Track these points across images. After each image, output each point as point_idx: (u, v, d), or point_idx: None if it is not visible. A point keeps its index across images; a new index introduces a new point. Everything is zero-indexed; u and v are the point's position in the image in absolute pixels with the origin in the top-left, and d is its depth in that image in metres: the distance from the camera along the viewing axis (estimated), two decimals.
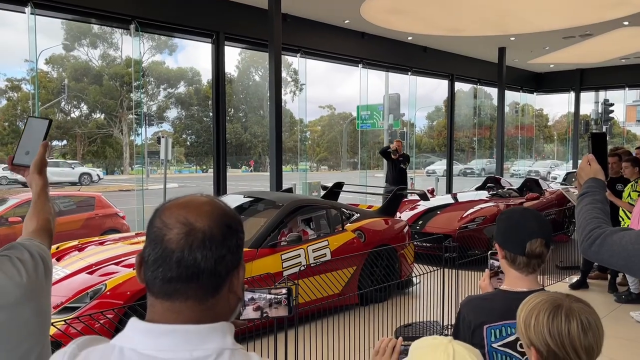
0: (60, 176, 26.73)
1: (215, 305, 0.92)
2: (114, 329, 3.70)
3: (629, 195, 6.12)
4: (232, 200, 6.44)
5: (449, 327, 4.97)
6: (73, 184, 26.02)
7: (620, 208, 6.20)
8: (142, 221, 9.79)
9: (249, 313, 1.84)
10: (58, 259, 4.96)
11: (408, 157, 11.07)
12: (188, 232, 0.90)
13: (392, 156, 10.63)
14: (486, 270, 2.09)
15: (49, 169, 1.53)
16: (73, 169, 29.04)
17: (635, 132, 38.58)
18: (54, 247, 5.37)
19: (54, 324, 2.94)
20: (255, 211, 5.94)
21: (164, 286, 0.90)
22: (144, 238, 3.70)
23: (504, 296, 1.76)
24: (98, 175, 29.80)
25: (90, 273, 4.45)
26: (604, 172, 1.75)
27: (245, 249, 4.30)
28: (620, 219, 6.25)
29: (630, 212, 5.93)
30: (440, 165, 29.89)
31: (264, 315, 1.86)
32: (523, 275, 1.76)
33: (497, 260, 2.00)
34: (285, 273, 5.07)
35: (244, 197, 6.45)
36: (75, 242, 5.42)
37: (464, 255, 5.33)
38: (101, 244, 5.40)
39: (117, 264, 4.59)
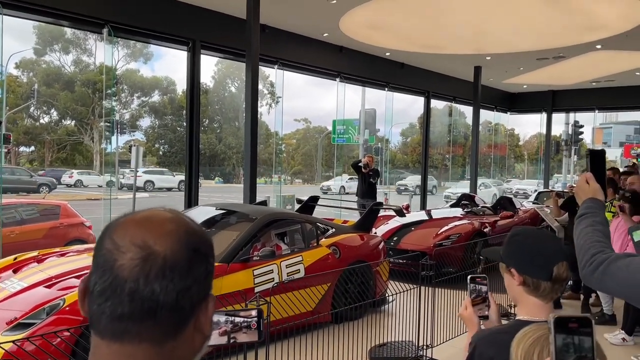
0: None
1: (175, 349, 0.75)
2: (69, 352, 3.45)
3: None
4: (204, 212, 6.23)
5: (425, 347, 4.84)
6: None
7: None
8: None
9: (215, 338, 1.65)
10: (15, 271, 4.67)
11: (378, 172, 11.27)
12: (145, 258, 0.73)
13: (363, 170, 10.82)
14: (467, 297, 1.81)
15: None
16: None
17: None
18: (11, 258, 5.07)
19: (0, 345, 2.70)
20: (227, 224, 5.74)
21: (113, 324, 0.73)
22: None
23: None
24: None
25: (49, 287, 4.18)
26: (603, 192, 1.64)
27: (215, 264, 4.10)
28: None
29: None
30: (411, 181, 29.84)
31: (232, 340, 1.66)
32: (544, 302, 1.58)
33: (480, 284, 1.81)
34: (257, 289, 4.88)
35: (216, 209, 6.25)
36: (34, 253, 5.12)
37: (441, 273, 5.23)
38: (62, 255, 5.12)
39: (78, 277, 4.32)
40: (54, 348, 3.01)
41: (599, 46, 11.35)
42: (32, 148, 37.31)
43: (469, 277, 1.80)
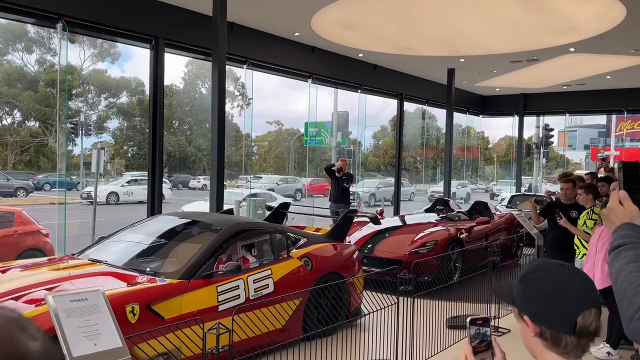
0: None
1: None
2: None
3: (584, 223, 5.91)
4: (165, 222, 5.77)
5: None
6: None
7: (576, 236, 5.99)
8: (62, 239, 8.87)
9: None
10: None
11: (352, 176, 10.97)
12: None
13: (336, 174, 10.53)
14: (466, 345, 1.41)
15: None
16: None
17: (568, 157, 40.37)
18: None
19: None
20: (189, 235, 5.30)
21: None
22: (59, 264, 2.85)
23: None
24: None
25: None
26: None
27: (174, 281, 3.63)
28: (575, 247, 6.04)
29: (587, 241, 5.72)
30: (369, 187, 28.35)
31: None
32: None
33: (482, 327, 1.43)
34: (221, 307, 4.46)
35: (179, 218, 5.80)
36: None
37: (420, 286, 4.89)
38: (3, 272, 4.60)
39: (16, 299, 3.83)
40: None
41: (572, 49, 11.28)
42: None
43: (468, 319, 1.41)
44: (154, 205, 8.44)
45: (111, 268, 4.61)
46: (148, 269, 4.61)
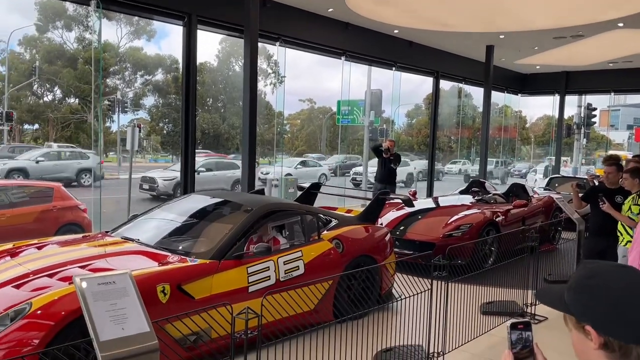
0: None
1: None
2: None
3: (629, 208, 5.62)
4: (197, 201, 5.77)
5: (435, 354, 4.40)
6: None
7: (620, 222, 5.71)
8: (98, 214, 9.06)
9: None
10: None
11: (399, 156, 10.80)
12: None
13: (384, 155, 10.39)
14: (506, 352, 1.28)
15: None
16: None
17: (610, 137, 38.86)
18: None
19: None
20: (220, 215, 5.28)
21: None
22: (93, 242, 2.81)
23: None
24: None
25: (18, 287, 3.74)
26: None
27: (205, 261, 3.60)
28: (619, 233, 5.77)
29: (631, 228, 5.45)
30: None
31: None
32: None
33: (524, 331, 1.30)
34: (251, 289, 4.44)
35: (210, 197, 5.78)
36: (9, 245, 4.68)
37: (454, 271, 4.75)
38: (39, 248, 4.68)
39: (51, 276, 3.89)
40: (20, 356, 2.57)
41: (620, 24, 10.70)
42: (36, 126, 36.98)
43: (508, 323, 1.29)
44: (187, 184, 8.49)
45: (143, 247, 4.63)
46: (179, 249, 4.61)
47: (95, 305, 2.20)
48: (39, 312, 3.38)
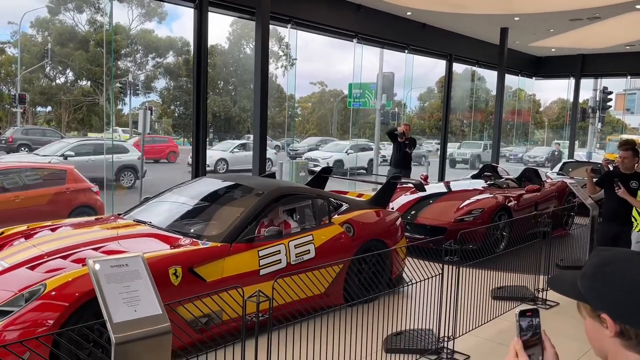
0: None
1: None
2: (51, 342, 3.08)
3: None
4: (208, 184, 5.79)
5: (445, 338, 4.41)
6: None
7: (634, 208, 5.65)
8: (110, 197, 9.11)
9: None
10: (0, 248, 4.29)
11: (415, 141, 10.70)
12: None
13: (399, 139, 10.30)
14: (515, 340, 1.26)
15: None
16: None
17: (626, 121, 38.21)
18: None
19: None
20: (231, 199, 5.29)
21: None
22: (106, 224, 2.84)
23: None
24: None
25: (32, 268, 3.79)
26: None
27: (216, 244, 3.62)
28: (633, 219, 5.71)
29: None
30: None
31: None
32: None
33: (532, 318, 1.28)
34: (262, 272, 4.46)
35: (222, 181, 5.80)
36: (23, 227, 4.74)
37: (465, 256, 4.73)
38: (53, 230, 4.73)
39: (64, 257, 3.93)
40: (35, 339, 2.60)
41: (638, 6, 10.46)
42: (49, 108, 37.19)
43: (517, 311, 1.28)
44: (198, 167, 8.51)
45: (155, 230, 4.66)
46: (191, 232, 4.64)
47: (109, 287, 2.22)
48: (53, 293, 3.42)
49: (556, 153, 19.89)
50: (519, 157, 29.88)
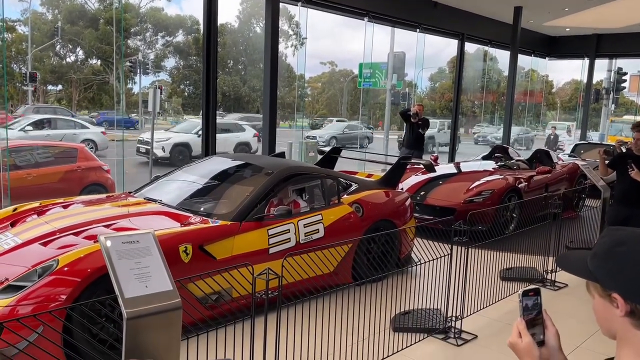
0: None
1: None
2: (64, 316, 3.13)
3: None
4: (218, 163, 5.80)
5: (453, 318, 4.43)
6: None
7: None
8: (121, 174, 9.17)
9: None
10: (13, 224, 4.35)
11: (428, 121, 10.69)
12: None
13: (412, 119, 10.29)
14: (519, 319, 1.27)
15: None
16: None
17: (638, 103, 37.58)
18: (10, 208, 4.75)
19: None
20: (241, 178, 5.30)
21: None
22: (117, 202, 2.88)
23: None
24: None
25: (45, 244, 3.84)
26: None
27: (226, 223, 3.65)
28: None
29: None
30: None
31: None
32: None
33: (536, 297, 1.27)
34: (272, 250, 4.49)
35: (232, 160, 5.81)
36: (35, 204, 4.79)
37: (475, 237, 4.72)
38: (66, 206, 4.78)
39: (76, 234, 3.98)
40: (48, 313, 2.66)
41: None
42: (60, 87, 37.28)
43: (520, 291, 1.28)
44: (208, 146, 8.52)
45: (166, 208, 4.69)
46: (201, 210, 4.67)
47: (120, 263, 2.24)
48: (65, 269, 3.47)
49: (552, 137, 19.53)
50: (487, 138, 28.04)
